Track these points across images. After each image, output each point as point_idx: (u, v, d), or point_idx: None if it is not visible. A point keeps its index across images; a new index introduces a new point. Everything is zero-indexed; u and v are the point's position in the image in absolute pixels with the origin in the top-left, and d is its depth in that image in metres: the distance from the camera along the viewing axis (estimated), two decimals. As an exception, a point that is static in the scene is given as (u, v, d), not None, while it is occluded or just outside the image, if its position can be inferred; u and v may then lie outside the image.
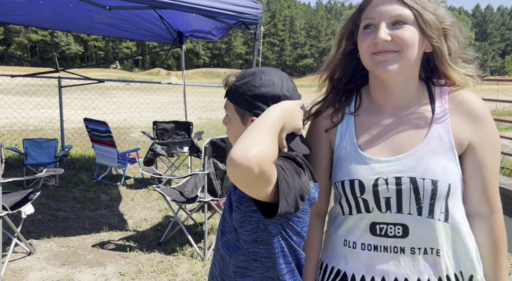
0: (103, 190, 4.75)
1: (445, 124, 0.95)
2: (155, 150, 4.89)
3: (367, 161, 0.97)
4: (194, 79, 54.39)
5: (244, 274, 1.01)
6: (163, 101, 17.29)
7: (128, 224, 3.79)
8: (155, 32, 5.56)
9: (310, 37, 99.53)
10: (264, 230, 0.98)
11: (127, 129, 9.79)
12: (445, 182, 0.90)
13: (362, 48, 0.95)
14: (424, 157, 0.92)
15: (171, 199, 3.30)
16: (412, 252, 0.95)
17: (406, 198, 0.92)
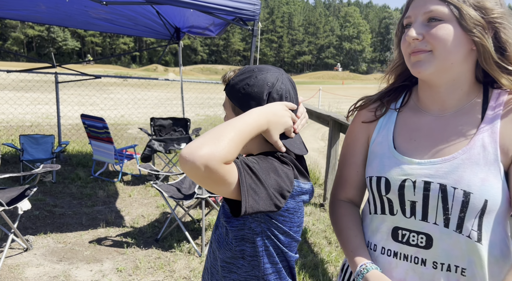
0: (100, 186, 4.74)
1: (493, 134, 0.84)
2: (152, 146, 4.88)
3: (399, 159, 0.92)
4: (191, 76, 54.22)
5: (230, 270, 1.02)
6: (160, 97, 17.24)
7: (125, 220, 3.79)
8: (153, 28, 5.53)
9: (308, 34, 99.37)
10: (249, 228, 0.98)
11: (124, 125, 9.77)
12: (480, 196, 0.81)
13: (402, 49, 0.91)
14: (461, 165, 0.84)
15: (169, 196, 3.30)
16: (434, 266, 0.87)
17: (433, 205, 0.86)
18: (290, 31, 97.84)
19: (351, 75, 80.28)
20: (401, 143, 0.95)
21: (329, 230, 3.68)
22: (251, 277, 1.01)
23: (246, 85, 0.98)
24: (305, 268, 2.95)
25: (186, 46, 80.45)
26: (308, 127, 10.49)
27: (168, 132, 5.44)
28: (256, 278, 1.01)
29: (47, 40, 77.09)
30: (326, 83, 48.60)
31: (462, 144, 0.87)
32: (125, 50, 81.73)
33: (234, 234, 1.00)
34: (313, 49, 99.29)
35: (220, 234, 1.06)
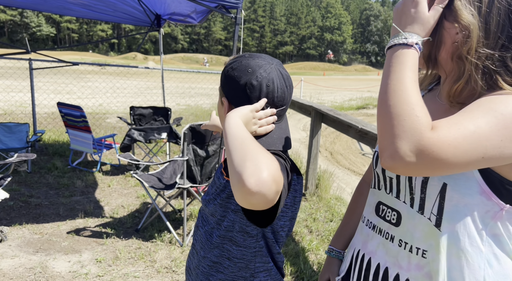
0: (78, 176, 4.63)
1: None
2: (132, 135, 4.79)
3: None
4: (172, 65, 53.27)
5: (217, 269, 1.03)
6: (140, 86, 16.90)
7: (105, 211, 3.73)
8: (132, 14, 5.38)
9: (290, 24, 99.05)
10: (239, 232, 0.98)
11: (103, 114, 9.54)
12: (439, 178, 0.80)
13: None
14: None
15: (149, 186, 3.26)
16: (399, 244, 0.89)
17: (403, 183, 0.88)
18: (272, 21, 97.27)
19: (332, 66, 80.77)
20: None
21: (310, 219, 3.73)
22: (238, 278, 1.01)
23: (230, 69, 0.98)
24: (286, 257, 2.99)
25: (166, 34, 78.77)
26: (290, 118, 10.53)
27: (148, 121, 5.35)
28: (244, 278, 1.01)
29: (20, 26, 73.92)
30: (308, 74, 48.74)
31: None
32: (103, 38, 79.41)
33: (221, 232, 1.00)
34: (295, 39, 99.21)
35: (201, 234, 1.06)
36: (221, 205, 1.00)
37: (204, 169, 3.59)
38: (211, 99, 14.46)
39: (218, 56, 78.75)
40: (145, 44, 76.55)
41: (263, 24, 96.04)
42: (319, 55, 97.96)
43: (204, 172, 3.59)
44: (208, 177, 3.62)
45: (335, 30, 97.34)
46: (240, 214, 0.97)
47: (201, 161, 3.58)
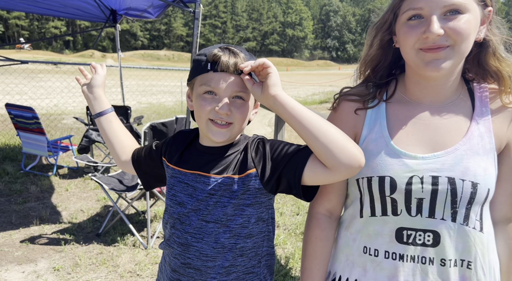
0: (32, 181, 4.37)
1: (486, 124, 0.86)
2: (90, 136, 4.58)
3: (401, 156, 0.87)
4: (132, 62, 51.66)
5: (229, 272, 1.00)
6: (98, 85, 16.22)
7: (62, 216, 3.54)
8: (85, 10, 5.12)
9: (252, 20, 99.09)
10: (254, 223, 0.99)
11: (58, 115, 9.08)
12: (485, 185, 0.82)
13: (407, 42, 0.83)
14: (464, 156, 0.83)
15: (109, 188, 3.13)
16: (442, 264, 0.85)
17: (441, 200, 0.83)
18: (233, 17, 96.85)
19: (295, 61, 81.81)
20: (398, 137, 0.90)
21: (277, 214, 3.74)
22: (249, 269, 1.02)
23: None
24: (253, 252, 2.98)
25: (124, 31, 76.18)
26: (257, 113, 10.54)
27: (107, 121, 5.14)
28: (252, 267, 1.02)
29: (-38, 22, 68.72)
30: (271, 69, 48.91)
31: (460, 134, 0.86)
32: (56, 35, 75.53)
33: (232, 234, 0.98)
34: (257, 35, 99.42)
35: (199, 249, 0.99)
36: (235, 204, 0.96)
37: (167, 168, 3.50)
38: (174, 97, 14.17)
39: (180, 52, 77.38)
40: (103, 42, 73.63)
41: (225, 20, 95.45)
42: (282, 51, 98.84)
43: (167, 171, 3.50)
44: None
45: (297, 25, 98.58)
46: (256, 206, 0.98)
47: (164, 160, 3.49)
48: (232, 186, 0.96)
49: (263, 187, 0.96)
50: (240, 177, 0.96)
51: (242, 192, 0.96)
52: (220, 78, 0.91)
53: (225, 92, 0.91)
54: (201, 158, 1.01)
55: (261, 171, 0.95)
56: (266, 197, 0.99)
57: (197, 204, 0.99)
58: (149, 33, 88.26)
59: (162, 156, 1.09)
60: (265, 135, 1.01)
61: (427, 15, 0.79)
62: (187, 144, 1.06)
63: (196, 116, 0.98)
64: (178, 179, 1.03)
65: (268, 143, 0.99)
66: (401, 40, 0.85)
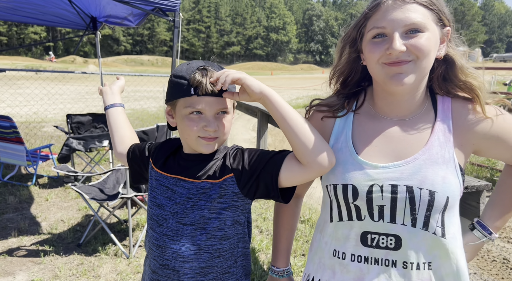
0: (10, 191, 4.28)
1: (446, 134, 0.90)
2: (70, 145, 4.52)
3: (363, 165, 0.92)
4: (115, 68, 51.05)
5: (206, 273, 1.05)
6: (79, 91, 16.04)
7: (42, 227, 3.49)
8: (65, 17, 5.07)
9: (236, 25, 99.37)
10: (231, 226, 1.05)
11: (38, 123, 8.92)
12: (443, 193, 0.86)
13: (372, 58, 0.89)
14: (423, 166, 0.88)
15: (90, 197, 3.10)
16: (404, 266, 0.90)
17: (401, 207, 0.88)
18: (217, 22, 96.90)
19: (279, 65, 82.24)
20: (362, 148, 0.95)
21: (260, 219, 3.77)
22: (225, 269, 1.08)
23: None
24: (236, 259, 2.99)
25: (107, 36, 75.20)
26: (239, 118, 10.57)
27: (88, 129, 5.09)
28: (229, 267, 1.08)
29: None
30: (256, 74, 49.18)
31: (421, 145, 0.91)
32: (36, 41, 74.05)
33: (208, 236, 1.04)
34: (242, 40, 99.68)
35: (176, 250, 1.04)
36: (211, 208, 1.03)
37: (149, 176, 3.49)
38: (158, 103, 14.08)
39: (164, 57, 76.84)
40: (85, 47, 72.55)
41: (208, 25, 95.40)
42: (266, 55, 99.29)
43: (149, 179, 3.49)
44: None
45: (280, 30, 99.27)
46: (233, 209, 1.04)
47: (145, 168, 3.47)
48: (210, 190, 1.03)
49: (240, 191, 1.02)
50: (218, 181, 1.03)
51: (219, 196, 1.02)
52: (204, 101, 0.98)
53: (211, 111, 1.00)
54: (183, 164, 1.08)
55: (238, 175, 1.02)
56: (242, 201, 1.05)
57: (175, 207, 1.05)
58: (132, 38, 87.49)
59: (149, 158, 1.18)
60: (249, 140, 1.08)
61: (390, 33, 0.85)
62: (172, 151, 1.14)
63: (184, 134, 1.04)
64: (159, 181, 1.10)
65: (246, 151, 1.07)
66: (366, 57, 0.91)
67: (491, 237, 1.02)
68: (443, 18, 0.88)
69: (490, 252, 3.27)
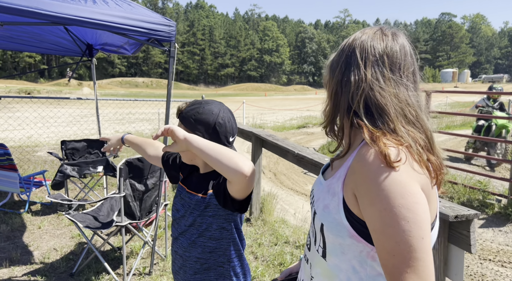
0: (2, 219, 4.23)
1: (346, 170, 0.90)
2: (64, 171, 4.51)
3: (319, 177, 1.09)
4: (109, 89, 51.30)
5: (201, 263, 1.37)
6: (74, 114, 16.05)
7: (34, 256, 3.44)
8: (61, 45, 5.16)
9: (230, 47, 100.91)
10: (216, 230, 1.34)
11: (32, 148, 8.87)
12: (319, 218, 0.93)
13: None
14: (323, 191, 0.97)
15: (84, 226, 3.08)
16: (310, 267, 1.03)
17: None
18: (212, 44, 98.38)
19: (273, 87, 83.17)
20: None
21: (255, 245, 3.75)
22: (218, 263, 1.37)
23: (197, 113, 1.34)
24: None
25: (101, 58, 75.72)
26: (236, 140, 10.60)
27: (83, 155, 5.09)
28: (222, 263, 1.37)
29: None
30: (250, 95, 49.67)
31: (334, 172, 0.98)
32: (31, 64, 74.41)
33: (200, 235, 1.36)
34: (236, 61, 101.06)
35: (183, 241, 1.39)
36: (200, 215, 1.34)
37: (144, 203, 3.49)
38: (152, 125, 14.12)
39: (159, 79, 77.44)
40: (79, 69, 72.97)
41: (203, 47, 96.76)
42: (260, 76, 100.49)
43: (144, 207, 3.48)
44: (148, 211, 3.51)
45: (274, 52, 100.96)
46: (216, 217, 1.34)
47: (140, 195, 3.47)
48: (200, 202, 1.36)
49: (219, 204, 1.32)
50: (204, 196, 1.35)
51: (205, 207, 1.34)
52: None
53: None
54: (194, 181, 1.43)
55: (216, 191, 1.32)
56: (223, 211, 1.33)
57: (183, 212, 1.41)
58: (126, 61, 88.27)
59: (180, 172, 1.54)
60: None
61: None
62: (193, 169, 1.47)
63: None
64: (179, 191, 1.47)
65: None
66: None
67: None
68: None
69: (484, 276, 3.28)
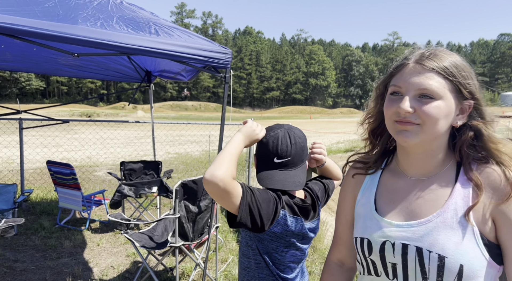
0: (66, 235, 4.50)
1: (465, 198, 0.88)
2: (122, 191, 4.74)
3: (379, 221, 0.96)
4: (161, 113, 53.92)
5: (247, 271, 1.39)
6: (129, 136, 16.96)
7: (94, 273, 3.59)
8: (123, 72, 5.55)
9: (276, 71, 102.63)
10: (245, 246, 1.37)
11: (91, 167, 9.46)
12: (455, 260, 0.82)
13: (386, 113, 0.94)
14: (435, 229, 0.87)
15: (140, 245, 3.19)
16: None
17: (412, 268, 0.88)
18: (258, 68, 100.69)
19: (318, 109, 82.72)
20: (381, 204, 0.99)
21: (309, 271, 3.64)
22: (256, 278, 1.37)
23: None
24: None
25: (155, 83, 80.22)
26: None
27: (139, 176, 5.33)
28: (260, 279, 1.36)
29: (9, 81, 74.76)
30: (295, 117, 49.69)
31: (437, 207, 0.90)
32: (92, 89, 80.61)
33: (240, 250, 1.42)
34: (281, 85, 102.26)
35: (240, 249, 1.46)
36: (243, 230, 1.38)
37: (196, 225, 3.55)
38: (200, 146, 14.52)
39: (207, 103, 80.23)
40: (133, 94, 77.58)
41: (249, 72, 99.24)
42: (305, 99, 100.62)
43: (196, 228, 3.54)
44: (200, 232, 3.56)
45: (319, 75, 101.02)
46: (245, 232, 1.36)
47: (193, 217, 3.54)
48: None
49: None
50: None
51: None
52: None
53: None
54: None
55: None
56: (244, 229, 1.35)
57: None
58: (177, 85, 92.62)
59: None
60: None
61: (404, 93, 0.91)
62: None
63: None
64: None
65: None
66: (384, 111, 0.96)
67: None
68: (463, 91, 0.88)
69: None
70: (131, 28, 2.85)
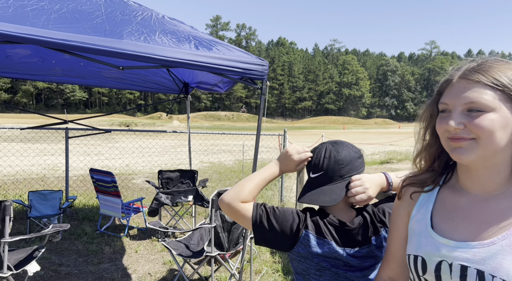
0: (106, 241, 4.66)
1: None
2: (159, 199, 4.86)
3: (435, 239, 0.90)
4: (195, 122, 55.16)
5: None
6: (165, 145, 17.42)
7: (132, 279, 3.69)
8: (161, 84, 5.75)
9: (308, 81, 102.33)
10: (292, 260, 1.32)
11: (129, 175, 9.78)
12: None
13: (439, 131, 0.91)
14: (500, 252, 0.80)
15: (177, 253, 3.24)
16: None
17: None
18: (290, 79, 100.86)
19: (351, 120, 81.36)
20: (438, 222, 0.94)
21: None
22: None
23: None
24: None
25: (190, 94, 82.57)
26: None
27: (176, 184, 5.45)
28: None
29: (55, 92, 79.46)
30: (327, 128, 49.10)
31: (502, 229, 0.83)
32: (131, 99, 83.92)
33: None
34: (314, 95, 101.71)
35: None
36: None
37: (231, 235, 3.56)
38: (233, 156, 14.66)
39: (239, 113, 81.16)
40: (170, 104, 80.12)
41: (282, 82, 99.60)
42: (337, 109, 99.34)
43: (231, 238, 3.56)
44: (235, 243, 3.57)
45: (353, 85, 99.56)
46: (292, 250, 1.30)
47: (229, 227, 3.56)
48: None
49: None
50: None
51: None
52: None
53: None
54: None
55: None
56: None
57: None
58: (211, 96, 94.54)
59: None
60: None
61: (451, 110, 0.88)
62: None
63: None
64: None
65: None
66: (437, 129, 0.93)
67: None
68: None
69: None
70: (173, 42, 2.94)
